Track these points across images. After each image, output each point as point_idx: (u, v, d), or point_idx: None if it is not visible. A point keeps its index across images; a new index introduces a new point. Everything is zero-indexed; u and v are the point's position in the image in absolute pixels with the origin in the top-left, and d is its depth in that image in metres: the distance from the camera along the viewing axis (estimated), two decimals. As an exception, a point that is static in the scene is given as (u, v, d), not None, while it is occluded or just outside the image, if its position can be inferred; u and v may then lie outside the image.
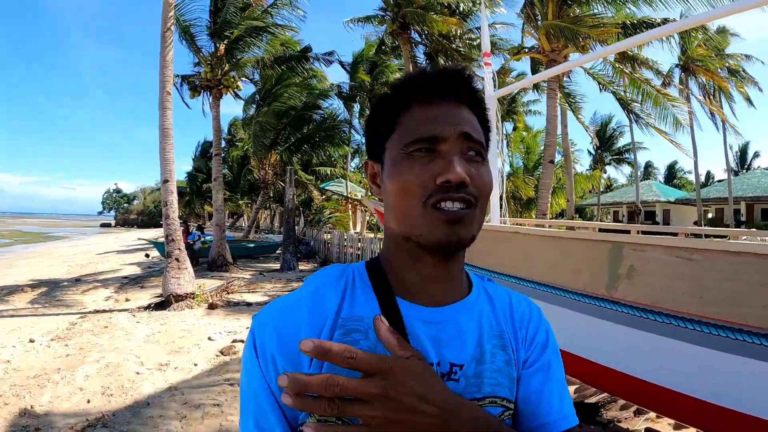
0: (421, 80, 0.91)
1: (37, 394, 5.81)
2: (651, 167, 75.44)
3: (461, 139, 0.85)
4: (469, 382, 0.86)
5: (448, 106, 0.88)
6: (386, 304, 0.87)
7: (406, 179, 0.84)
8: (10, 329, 8.96)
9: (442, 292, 0.92)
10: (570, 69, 16.55)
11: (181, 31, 17.96)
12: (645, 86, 17.10)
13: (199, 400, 5.64)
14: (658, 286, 3.38)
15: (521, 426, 0.92)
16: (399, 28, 19.75)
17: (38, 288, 14.34)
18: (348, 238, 20.70)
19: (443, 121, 0.86)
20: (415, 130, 0.86)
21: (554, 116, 16.67)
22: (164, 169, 11.76)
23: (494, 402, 0.88)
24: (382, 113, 0.94)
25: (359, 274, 0.94)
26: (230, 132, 43.03)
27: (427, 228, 0.82)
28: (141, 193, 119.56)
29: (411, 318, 0.87)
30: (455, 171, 0.80)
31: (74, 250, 33.52)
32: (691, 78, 29.75)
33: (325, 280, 0.93)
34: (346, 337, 0.84)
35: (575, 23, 14.75)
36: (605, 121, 44.49)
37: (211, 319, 9.99)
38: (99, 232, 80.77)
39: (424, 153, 0.85)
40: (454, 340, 0.88)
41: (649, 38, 5.24)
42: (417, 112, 0.88)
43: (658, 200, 43.15)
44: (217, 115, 19.75)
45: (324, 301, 0.88)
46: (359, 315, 0.87)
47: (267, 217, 55.36)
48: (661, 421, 4.74)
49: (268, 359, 0.83)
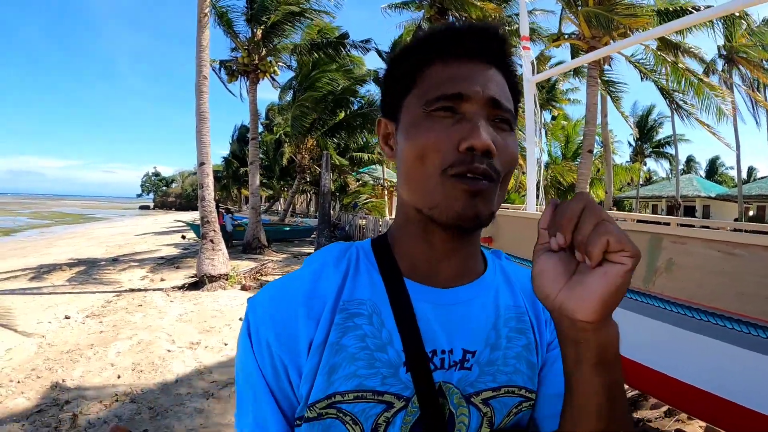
0: (448, 34, 0.80)
1: (69, 369, 5.92)
2: (692, 161, 73.98)
3: (489, 103, 0.76)
4: (482, 370, 0.80)
5: (476, 65, 0.79)
6: (392, 286, 0.80)
7: (425, 142, 0.75)
8: (47, 306, 9.16)
9: (454, 271, 0.84)
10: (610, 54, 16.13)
11: (218, 17, 18.04)
12: (688, 75, 16.68)
13: (228, 380, 5.68)
14: (697, 281, 3.26)
15: (544, 410, 0.83)
16: (437, 13, 19.57)
17: (76, 267, 14.67)
18: (383, 224, 20.69)
19: (471, 79, 0.76)
20: (438, 86, 0.77)
21: (594, 104, 16.33)
22: (200, 152, 11.91)
23: (511, 392, 0.80)
24: (401, 67, 0.84)
25: (364, 253, 0.87)
26: (268, 117, 43.26)
27: (445, 200, 0.73)
28: (179, 176, 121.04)
29: (420, 301, 0.80)
30: (481, 137, 0.71)
31: (112, 231, 34.22)
32: (735, 69, 28.95)
33: (325, 261, 0.85)
34: (347, 321, 0.77)
35: (610, 11, 14.43)
36: (646, 111, 43.64)
37: (243, 300, 10.05)
38: (137, 214, 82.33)
39: (446, 113, 0.75)
40: (466, 323, 0.81)
41: (691, 22, 5.04)
42: (441, 68, 0.79)
43: (698, 195, 42.24)
44: (254, 100, 19.88)
45: (323, 283, 0.81)
46: (361, 298, 0.80)
47: (303, 202, 55.61)
48: (693, 423, 4.61)
49: (263, 345, 0.77)
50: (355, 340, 0.76)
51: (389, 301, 0.79)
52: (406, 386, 0.75)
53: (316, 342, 0.76)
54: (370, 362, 0.75)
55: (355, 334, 0.76)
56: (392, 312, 0.78)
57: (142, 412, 4.81)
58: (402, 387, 0.75)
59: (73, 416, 4.68)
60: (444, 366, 0.78)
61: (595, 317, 0.59)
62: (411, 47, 0.84)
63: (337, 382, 0.74)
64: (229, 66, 20.33)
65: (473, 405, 0.78)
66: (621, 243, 0.56)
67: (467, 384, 0.78)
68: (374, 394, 0.74)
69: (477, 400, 0.78)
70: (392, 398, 0.74)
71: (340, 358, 0.75)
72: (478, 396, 0.78)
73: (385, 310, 0.79)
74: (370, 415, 0.73)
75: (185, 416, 4.74)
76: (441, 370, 0.77)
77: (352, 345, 0.76)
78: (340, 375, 0.74)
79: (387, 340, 0.77)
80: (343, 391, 0.74)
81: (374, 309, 0.79)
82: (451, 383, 0.77)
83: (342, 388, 0.74)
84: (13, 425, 4.55)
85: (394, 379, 0.75)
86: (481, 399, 0.78)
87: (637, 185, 44.00)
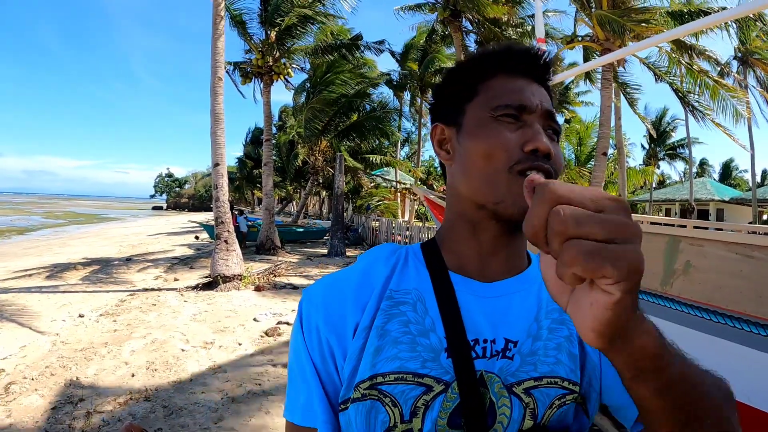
0: (508, 52, 0.89)
1: (84, 367, 5.96)
2: (706, 164, 73.50)
3: (545, 115, 0.85)
4: (524, 360, 0.81)
5: (530, 82, 0.88)
6: (438, 278, 0.85)
7: (494, 142, 0.81)
8: (62, 304, 9.23)
9: (499, 266, 0.88)
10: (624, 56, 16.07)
11: (232, 19, 18.12)
12: (703, 77, 16.59)
13: (242, 380, 5.70)
14: (715, 283, 3.23)
15: (616, 401, 0.84)
16: (450, 15, 19.57)
17: (90, 266, 14.76)
18: (396, 226, 20.74)
19: (531, 93, 0.85)
20: (503, 95, 0.85)
21: (608, 107, 16.25)
22: (215, 152, 11.95)
23: (554, 383, 0.81)
24: (462, 77, 0.92)
25: (413, 253, 0.93)
26: (281, 118, 43.38)
27: (511, 195, 0.79)
28: (192, 177, 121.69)
29: (464, 293, 0.84)
30: (543, 140, 0.80)
31: (126, 231, 34.43)
32: (750, 72, 28.72)
33: (377, 256, 0.92)
34: (392, 308, 0.83)
35: (623, 17, 14.36)
36: (660, 114, 43.40)
37: (257, 301, 10.12)
38: (151, 214, 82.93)
39: (511, 119, 0.83)
40: (508, 315, 0.84)
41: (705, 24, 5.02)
42: (504, 80, 0.87)
43: (712, 199, 41.94)
44: (268, 101, 19.91)
45: (372, 275, 0.88)
46: (407, 288, 0.85)
47: (316, 203, 55.66)
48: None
49: (313, 330, 0.84)
50: (399, 325, 0.80)
51: (433, 290, 0.83)
52: (446, 371, 0.77)
53: (362, 325, 0.80)
54: (412, 346, 0.79)
55: (399, 320, 0.81)
56: (436, 301, 0.82)
57: (156, 410, 4.83)
58: (442, 371, 0.77)
59: (87, 413, 4.71)
60: (486, 355, 0.80)
61: (598, 345, 0.51)
62: (473, 61, 0.92)
63: (379, 363, 0.78)
64: (244, 68, 20.41)
65: (515, 395, 0.79)
66: (594, 268, 0.44)
67: (509, 373, 0.80)
68: (414, 376, 0.77)
69: (519, 390, 0.79)
70: (432, 381, 0.77)
71: (384, 342, 0.79)
72: (519, 385, 0.80)
73: (430, 299, 0.83)
74: (409, 398, 0.76)
75: (199, 415, 4.76)
76: (483, 359, 0.80)
77: (396, 329, 0.80)
78: (383, 357, 0.78)
79: (430, 327, 0.81)
80: (385, 372, 0.77)
81: (419, 297, 0.84)
82: (492, 372, 0.79)
83: (384, 369, 0.77)
84: (27, 422, 4.58)
85: (435, 363, 0.78)
86: (522, 389, 0.80)
87: (650, 188, 43.79)
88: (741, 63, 28.72)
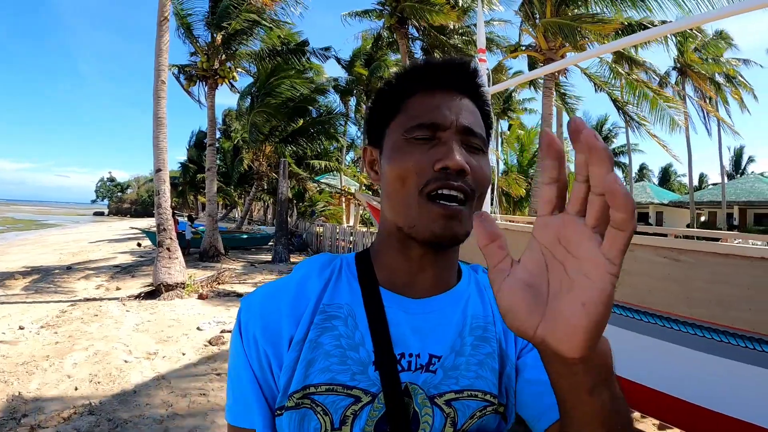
0: (426, 69, 0.91)
1: (26, 381, 5.80)
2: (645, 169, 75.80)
3: (462, 131, 0.85)
4: (446, 374, 0.86)
5: (450, 95, 0.88)
6: (369, 294, 0.89)
7: (404, 164, 0.84)
8: (1, 316, 8.93)
9: (428, 283, 0.91)
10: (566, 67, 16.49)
11: (178, 20, 17.89)
12: (642, 87, 17.13)
13: (186, 389, 5.64)
14: (647, 286, 3.38)
15: (531, 410, 0.87)
16: (397, 22, 19.75)
17: (30, 275, 14.31)
18: (340, 232, 20.70)
19: (445, 109, 0.86)
20: (416, 115, 0.86)
21: (549, 115, 16.66)
22: (157, 158, 11.74)
23: (474, 396, 0.86)
24: (385, 98, 0.94)
25: (347, 264, 0.96)
26: (225, 122, 42.88)
27: (422, 221, 0.82)
28: (135, 182, 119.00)
29: (393, 308, 0.88)
30: (455, 158, 0.80)
31: (66, 238, 33.40)
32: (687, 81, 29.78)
33: (311, 268, 0.94)
34: (325, 322, 0.86)
35: (576, 20, 14.75)
36: (601, 121, 44.57)
37: (200, 309, 9.98)
38: (92, 220, 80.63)
39: (424, 140, 0.84)
40: (435, 330, 0.88)
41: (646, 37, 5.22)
42: (420, 99, 0.88)
43: (651, 202, 43.19)
44: (212, 106, 19.69)
45: (307, 287, 0.90)
46: (339, 302, 0.89)
47: (260, 209, 55.17)
48: (646, 421, 4.78)
49: (251, 339, 0.87)
50: (330, 338, 0.84)
51: (364, 306, 0.87)
52: (373, 383, 0.82)
53: (297, 338, 0.84)
54: (343, 359, 0.83)
55: (331, 334, 0.85)
56: (366, 316, 0.86)
57: (101, 424, 4.74)
58: (370, 383, 0.82)
59: (31, 429, 4.59)
60: (411, 368, 0.84)
61: (583, 353, 0.49)
62: (394, 81, 0.94)
63: (312, 375, 0.82)
64: (188, 70, 20.11)
65: (437, 405, 0.83)
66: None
67: (431, 386, 0.84)
68: (344, 388, 0.81)
69: (440, 401, 0.84)
70: (360, 393, 0.81)
71: (316, 354, 0.83)
72: (441, 397, 0.84)
73: (360, 314, 0.87)
74: (339, 407, 0.80)
75: (145, 427, 4.69)
76: (408, 372, 0.84)
77: (328, 343, 0.84)
78: (315, 369, 0.82)
79: (359, 341, 0.84)
80: (317, 384, 0.81)
81: (350, 312, 0.87)
82: (416, 384, 0.83)
83: (316, 381, 0.81)
84: (-34, 439, 4.46)
85: (363, 376, 0.82)
86: (444, 400, 0.84)
87: (592, 193, 44.76)
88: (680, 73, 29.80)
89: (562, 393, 0.61)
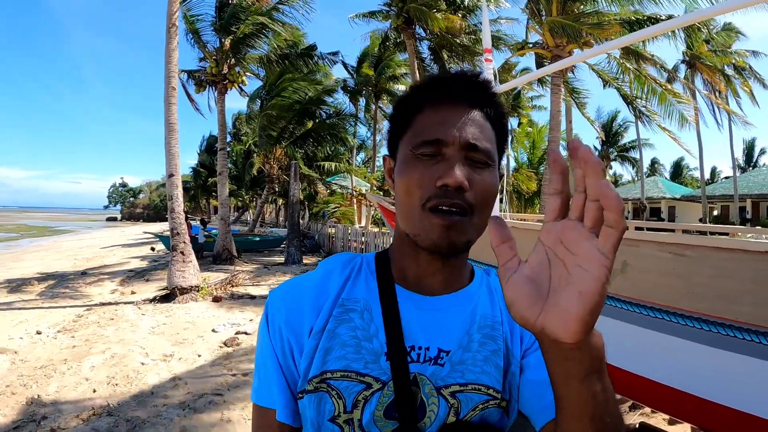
0: (435, 83, 0.95)
1: (44, 384, 5.91)
2: (657, 164, 75.21)
3: (465, 147, 0.89)
4: (453, 367, 0.93)
5: (458, 109, 0.92)
6: (385, 290, 0.97)
7: (410, 180, 0.90)
8: (18, 321, 9.06)
9: (438, 284, 0.99)
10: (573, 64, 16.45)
11: (187, 26, 18.00)
12: (650, 83, 17.05)
13: (202, 390, 5.73)
14: (651, 281, 3.41)
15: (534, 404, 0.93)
16: (403, 23, 19.76)
17: (45, 281, 14.45)
18: (352, 232, 20.74)
19: (450, 125, 0.90)
20: (422, 132, 0.91)
21: (558, 112, 16.64)
22: (170, 163, 11.85)
23: (477, 389, 0.92)
24: (399, 113, 0.99)
25: (367, 263, 1.05)
26: (235, 126, 43.02)
27: (424, 231, 0.88)
28: (147, 187, 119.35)
29: (406, 304, 0.96)
30: (454, 176, 0.85)
31: (80, 244, 33.63)
32: (697, 74, 29.54)
33: (334, 265, 1.04)
34: (343, 314, 0.95)
35: (577, 20, 14.73)
36: (611, 116, 44.28)
37: (215, 312, 10.09)
38: (105, 225, 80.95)
39: (429, 156, 0.89)
40: (443, 327, 0.96)
41: (653, 33, 5.22)
42: (428, 114, 0.93)
43: (663, 197, 42.89)
44: (222, 110, 19.79)
45: (329, 282, 1.00)
46: (357, 297, 0.98)
47: (272, 212, 55.28)
48: (656, 416, 4.79)
49: (276, 329, 0.97)
50: (347, 329, 0.93)
51: (380, 301, 0.96)
52: (384, 372, 0.90)
53: (316, 328, 0.93)
54: (357, 349, 0.92)
55: (348, 326, 0.94)
56: (381, 310, 0.95)
57: (120, 424, 4.84)
58: (381, 372, 0.90)
59: (51, 431, 4.70)
60: (420, 360, 0.92)
61: (578, 338, 0.56)
62: (408, 95, 0.99)
63: (329, 362, 0.91)
64: (197, 76, 20.26)
65: (442, 396, 0.92)
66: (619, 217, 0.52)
67: (438, 378, 0.92)
68: (357, 375, 0.90)
69: (446, 393, 0.92)
70: (371, 380, 0.90)
71: (333, 343, 0.92)
72: (447, 389, 0.92)
73: (376, 308, 0.96)
74: (352, 392, 0.89)
75: (162, 427, 4.78)
76: (417, 363, 0.92)
77: (345, 333, 0.93)
78: (332, 356, 0.91)
79: (374, 333, 0.93)
80: (333, 370, 0.90)
81: (366, 306, 0.96)
82: (424, 375, 0.92)
83: (332, 367, 0.90)
84: (-11, 441, 4.56)
85: (375, 365, 0.91)
86: (449, 392, 0.92)
87: (603, 189, 44.42)
88: (689, 66, 29.54)
89: (557, 380, 0.68)
